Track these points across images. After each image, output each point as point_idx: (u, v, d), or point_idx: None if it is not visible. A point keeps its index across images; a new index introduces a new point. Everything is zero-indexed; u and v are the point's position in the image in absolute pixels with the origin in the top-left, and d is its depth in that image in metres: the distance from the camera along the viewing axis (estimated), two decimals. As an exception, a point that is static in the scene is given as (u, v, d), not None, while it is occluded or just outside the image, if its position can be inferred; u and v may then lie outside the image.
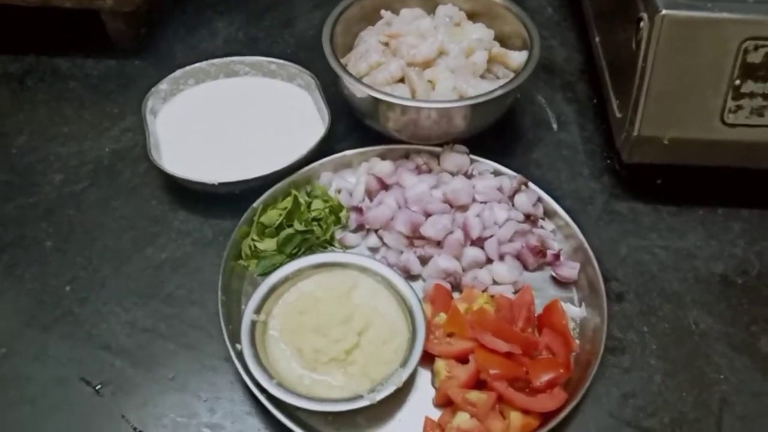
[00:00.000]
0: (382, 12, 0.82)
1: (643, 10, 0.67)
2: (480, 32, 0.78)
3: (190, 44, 0.93)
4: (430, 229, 0.66)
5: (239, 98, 0.82)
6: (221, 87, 0.83)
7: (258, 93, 0.83)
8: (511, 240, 0.67)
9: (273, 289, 0.61)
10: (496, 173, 0.73)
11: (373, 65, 0.76)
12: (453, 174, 0.73)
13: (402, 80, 0.76)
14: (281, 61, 0.83)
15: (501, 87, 0.71)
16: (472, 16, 0.84)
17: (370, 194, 0.72)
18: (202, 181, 0.69)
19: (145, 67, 0.90)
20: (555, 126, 0.83)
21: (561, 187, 0.75)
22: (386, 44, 0.78)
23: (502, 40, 0.82)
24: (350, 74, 0.73)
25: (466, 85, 0.73)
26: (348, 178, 0.75)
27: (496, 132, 0.78)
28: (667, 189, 0.75)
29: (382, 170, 0.73)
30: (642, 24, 0.67)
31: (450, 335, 0.59)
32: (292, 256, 0.67)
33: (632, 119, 0.69)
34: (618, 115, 0.74)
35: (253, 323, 0.57)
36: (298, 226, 0.67)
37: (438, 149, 0.75)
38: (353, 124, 0.80)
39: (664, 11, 0.64)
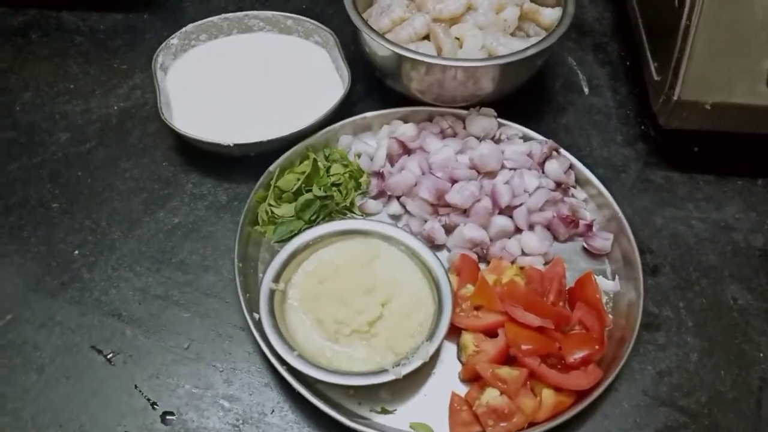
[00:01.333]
0: (406, -35, 0.78)
1: (689, -36, 0.63)
2: (509, -14, 0.73)
3: (202, 5, 0.88)
4: (456, 196, 0.62)
5: (254, 55, 0.77)
6: (234, 43, 0.79)
7: (273, 50, 0.78)
8: (541, 209, 0.63)
9: (292, 257, 0.57)
10: (525, 138, 0.69)
11: (396, 21, 0.72)
12: (479, 139, 0.69)
13: (427, 37, 0.71)
14: (297, 17, 0.79)
15: (533, 46, 0.66)
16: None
17: (391, 159, 0.69)
18: (216, 141, 0.65)
19: (154, 21, 0.85)
20: (586, 89, 0.79)
21: (593, 154, 0.72)
22: (411, 1, 0.74)
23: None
24: (372, 29, 0.68)
25: (496, 43, 0.69)
26: (368, 142, 0.71)
27: (524, 95, 0.74)
28: (705, 157, 0.72)
29: (405, 133, 0.69)
30: (688, -20, 0.62)
31: (478, 308, 0.56)
32: (311, 223, 0.63)
33: (672, 82, 0.65)
34: (656, 78, 0.69)
35: (272, 292, 0.55)
36: (317, 191, 0.64)
37: (464, 112, 0.71)
38: (374, 84, 0.76)
39: (714, -36, 0.59)
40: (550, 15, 0.72)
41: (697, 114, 0.67)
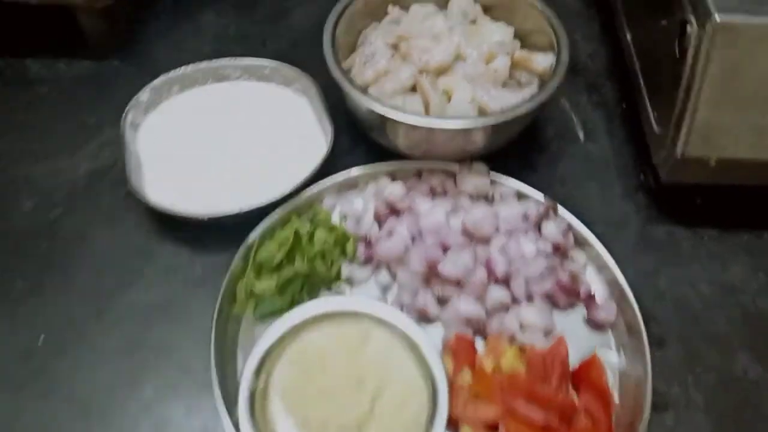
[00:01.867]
0: (390, 8, 0.73)
1: (690, 12, 0.59)
2: (500, 33, 0.69)
3: (175, 41, 0.84)
4: (450, 267, 0.58)
5: (231, 106, 0.73)
6: (210, 93, 0.74)
7: (252, 100, 0.74)
8: (540, 277, 0.60)
9: (274, 345, 0.53)
10: (520, 194, 0.66)
11: (380, 72, 0.67)
12: (472, 197, 0.65)
13: (414, 89, 0.67)
14: (277, 63, 0.74)
15: (527, 102, 0.63)
16: (489, 10, 0.75)
17: (379, 219, 0.65)
18: (190, 215, 0.61)
19: (125, 68, 0.81)
20: (581, 135, 0.75)
21: (591, 209, 0.68)
22: (395, 47, 0.70)
23: (523, 38, 0.73)
24: (355, 86, 0.64)
25: (487, 96, 0.65)
26: (354, 201, 0.67)
27: (515, 143, 0.70)
28: (708, 209, 0.68)
29: (392, 193, 0.65)
30: (689, 30, 0.58)
31: (476, 395, 0.53)
32: (294, 298, 0.59)
33: (675, 138, 0.61)
34: (656, 129, 0.66)
35: (252, 393, 0.50)
36: (299, 264, 0.60)
37: (454, 166, 0.67)
38: (358, 135, 0.72)
39: (717, 17, 0.55)
40: (543, 62, 0.68)
41: (700, 169, 0.63)
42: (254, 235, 0.61)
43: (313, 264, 0.60)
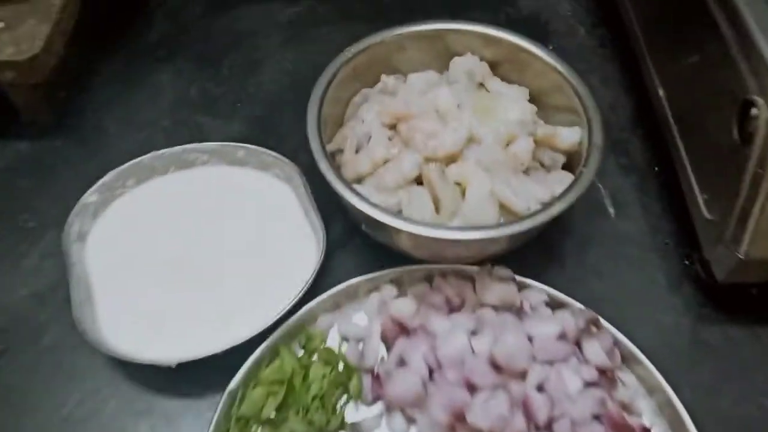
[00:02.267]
0: (383, 78, 0.62)
1: (756, 92, 0.48)
2: (518, 108, 0.58)
3: (127, 110, 0.71)
4: (481, 417, 0.47)
5: (198, 200, 0.61)
6: (173, 185, 0.62)
7: (224, 189, 0.62)
8: (589, 417, 0.50)
9: None
10: (553, 301, 0.55)
11: (378, 162, 0.56)
12: (495, 308, 0.55)
13: (419, 179, 0.56)
14: (251, 147, 0.62)
15: (559, 201, 0.52)
16: (496, 67, 0.64)
17: (386, 339, 0.54)
18: (153, 362, 0.49)
19: (69, 149, 0.68)
20: (612, 210, 0.64)
21: (632, 311, 0.57)
22: (392, 126, 0.58)
23: (537, 98, 0.62)
24: (347, 184, 0.53)
25: (509, 189, 0.53)
26: (353, 316, 0.56)
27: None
28: (765, 301, 0.58)
29: (401, 310, 0.54)
30: (755, 113, 0.48)
31: None
32: (291, 461, 0.49)
33: (738, 237, 0.51)
34: (708, 216, 0.55)
35: None
36: (294, 421, 0.48)
37: (471, 269, 0.56)
38: (352, 226, 0.61)
39: (796, 101, 0.45)
40: (570, 137, 0.58)
41: (764, 270, 0.53)
42: (236, 382, 0.50)
43: (312, 417, 0.49)
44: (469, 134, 0.55)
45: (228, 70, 0.75)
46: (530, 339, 0.52)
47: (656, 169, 0.67)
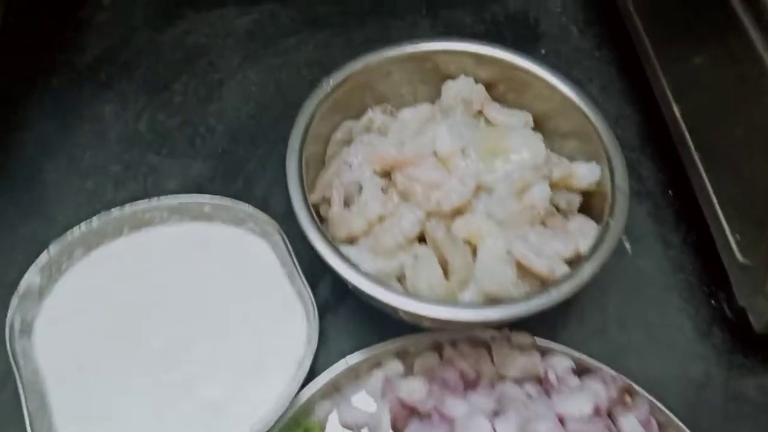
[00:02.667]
0: (370, 114, 0.53)
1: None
2: (528, 145, 0.50)
3: (67, 152, 0.61)
4: None
5: (159, 267, 0.52)
6: (127, 250, 0.53)
7: (188, 252, 0.53)
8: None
9: None
10: (579, 367, 0.49)
11: (373, 221, 0.48)
12: (518, 381, 0.48)
13: (421, 237, 0.49)
14: (218, 201, 0.53)
15: (588, 260, 0.45)
16: (492, 88, 0.56)
17: (396, 427, 0.47)
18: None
19: (5, 207, 0.57)
20: (628, 246, 0.58)
21: (659, 363, 0.52)
22: (386, 173, 0.50)
23: (541, 122, 0.55)
24: (343, 258, 0.44)
25: (527, 248, 0.46)
26: (352, 399, 0.49)
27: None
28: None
29: (411, 393, 0.47)
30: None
31: None
32: None
33: (784, 290, 0.46)
34: (741, 259, 0.50)
35: None
36: None
37: (485, 334, 0.50)
38: (344, 285, 0.53)
39: None
40: (588, 176, 0.51)
41: (811, 320, 0.48)
42: (228, 502, 0.43)
43: None
44: (477, 183, 0.48)
45: (181, 97, 0.65)
46: (561, 419, 0.46)
47: (670, 193, 0.61)
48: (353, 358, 0.48)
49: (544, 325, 0.51)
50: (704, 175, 0.54)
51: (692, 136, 0.56)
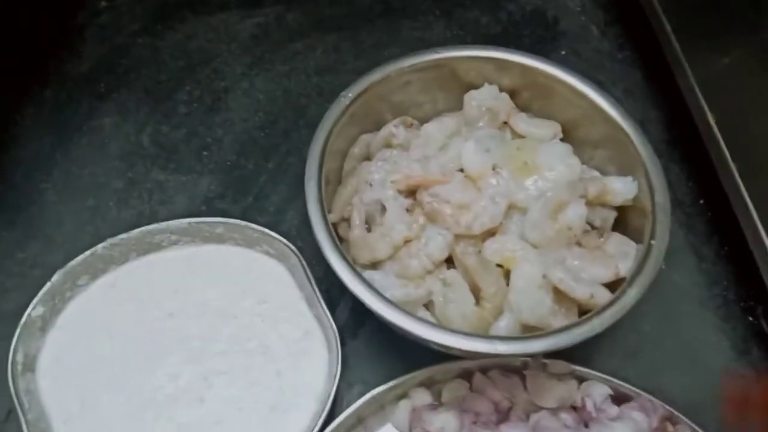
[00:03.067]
0: (390, 128, 0.50)
1: None
2: (562, 160, 0.47)
3: (66, 169, 0.57)
4: None
5: (169, 294, 0.49)
6: (135, 276, 0.50)
7: (199, 276, 0.50)
8: None
9: None
10: (617, 393, 0.46)
11: (398, 244, 0.45)
12: (553, 410, 0.46)
13: (449, 260, 0.46)
14: (233, 222, 0.50)
15: (630, 286, 0.42)
16: (515, 94, 0.53)
17: (425, 461, 0.45)
18: None
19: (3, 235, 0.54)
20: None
21: (698, 385, 0.49)
22: (411, 192, 0.47)
23: (569, 131, 0.52)
24: (370, 287, 0.41)
25: (564, 272, 0.43)
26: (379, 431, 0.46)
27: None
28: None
29: (442, 427, 0.44)
30: None
31: None
32: None
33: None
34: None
35: None
36: None
37: (515, 362, 0.47)
38: (364, 309, 0.50)
39: None
40: (624, 192, 0.48)
41: None
42: None
43: None
44: (509, 202, 0.45)
45: (185, 107, 0.61)
46: (603, 454, 0.43)
47: (701, 202, 0.58)
48: (378, 391, 0.46)
49: (577, 348, 0.48)
50: (740, 182, 0.51)
51: (726, 141, 0.53)
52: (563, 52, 0.66)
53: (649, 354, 0.51)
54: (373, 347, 0.50)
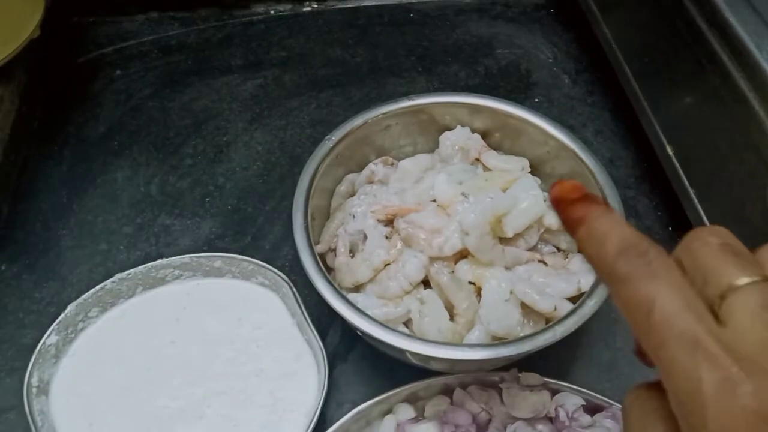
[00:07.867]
0: (371, 166, 0.55)
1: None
2: (523, 182, 0.52)
3: (81, 218, 0.63)
4: None
5: (173, 324, 0.53)
6: (142, 308, 0.54)
7: (201, 308, 0.54)
8: None
9: None
10: (590, 405, 0.49)
11: (378, 267, 0.49)
12: (529, 421, 0.48)
13: (426, 281, 0.50)
14: (230, 256, 0.55)
15: (589, 297, 0.46)
16: (488, 135, 0.58)
17: (409, 472, 0.47)
18: None
19: (16, 274, 0.59)
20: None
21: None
22: (389, 221, 0.52)
23: (537, 166, 0.57)
24: (354, 307, 0.45)
25: (528, 287, 0.47)
26: (368, 446, 0.49)
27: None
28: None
29: (425, 439, 0.47)
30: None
31: None
32: None
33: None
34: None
35: None
36: None
37: (493, 375, 0.50)
38: (353, 333, 0.54)
39: None
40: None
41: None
42: None
43: None
44: (477, 226, 0.49)
45: (191, 159, 0.67)
46: (578, 461, 0.46)
47: (670, 229, 0.62)
48: (364, 407, 0.49)
49: (554, 365, 0.52)
50: (699, 206, 0.55)
51: (686, 174, 0.58)
52: (537, 99, 0.72)
53: (622, 368, 0.54)
54: (362, 370, 0.54)
